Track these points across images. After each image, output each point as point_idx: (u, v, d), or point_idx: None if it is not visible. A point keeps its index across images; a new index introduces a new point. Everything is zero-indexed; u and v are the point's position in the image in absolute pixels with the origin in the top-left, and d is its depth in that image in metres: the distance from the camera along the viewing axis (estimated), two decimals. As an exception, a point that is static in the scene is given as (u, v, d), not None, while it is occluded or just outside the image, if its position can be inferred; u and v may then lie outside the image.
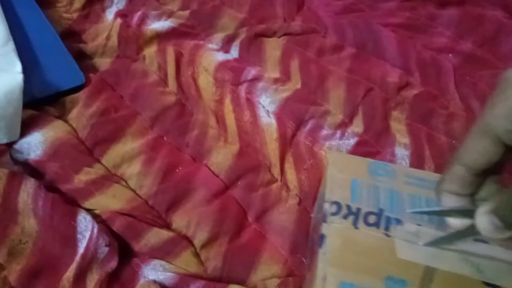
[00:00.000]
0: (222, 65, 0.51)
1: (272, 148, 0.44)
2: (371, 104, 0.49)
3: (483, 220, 0.23)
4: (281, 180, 0.43)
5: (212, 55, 0.53)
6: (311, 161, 0.44)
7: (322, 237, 0.27)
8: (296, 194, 0.42)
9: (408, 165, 0.44)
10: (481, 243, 0.26)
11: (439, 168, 0.44)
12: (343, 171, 0.31)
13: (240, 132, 0.46)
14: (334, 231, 0.27)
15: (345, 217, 0.28)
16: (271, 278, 0.35)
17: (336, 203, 0.29)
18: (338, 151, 0.44)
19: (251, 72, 0.51)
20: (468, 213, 0.24)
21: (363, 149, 0.45)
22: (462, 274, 0.25)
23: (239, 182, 0.42)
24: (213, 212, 0.38)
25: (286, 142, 0.45)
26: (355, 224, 0.28)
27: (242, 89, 0.49)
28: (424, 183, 0.30)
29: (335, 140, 0.45)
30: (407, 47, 0.55)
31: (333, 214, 0.28)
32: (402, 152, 0.45)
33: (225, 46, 0.56)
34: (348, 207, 0.29)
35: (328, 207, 0.28)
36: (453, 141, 0.46)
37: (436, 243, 0.26)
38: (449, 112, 0.49)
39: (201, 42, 0.56)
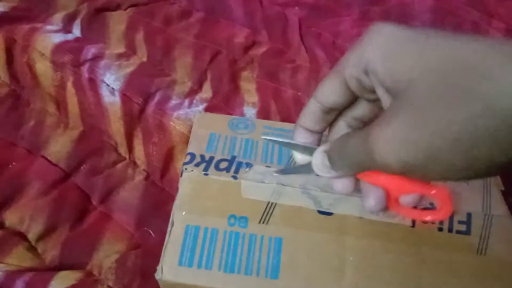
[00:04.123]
0: (59, 47, 0.50)
1: (116, 127, 0.45)
2: (219, 67, 0.51)
3: (316, 158, 0.25)
4: (129, 158, 0.44)
5: (48, 37, 0.51)
6: (160, 134, 0.45)
7: (177, 189, 0.29)
8: (144, 169, 0.43)
9: (256, 123, 0.47)
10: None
11: (284, 121, 0.47)
12: (204, 127, 0.33)
13: (83, 115, 0.46)
14: (185, 178, 0.29)
15: (197, 165, 0.30)
16: (111, 255, 0.36)
17: (191, 154, 0.31)
18: (187, 120, 0.46)
19: (91, 50, 0.50)
20: (311, 150, 0.26)
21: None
22: (300, 205, 0.28)
23: (82, 168, 0.42)
24: (49, 203, 0.38)
25: (133, 119, 0.46)
26: (205, 170, 0.29)
27: (84, 70, 0.48)
28: (280, 132, 0.33)
29: (183, 109, 0.46)
30: (253, 5, 0.57)
31: (186, 163, 0.30)
32: (250, 111, 0.48)
33: (67, 26, 0.54)
34: (202, 156, 0.30)
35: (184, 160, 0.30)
36: (299, 93, 0.50)
37: (282, 171, 0.29)
38: (295, 65, 0.52)
39: (39, 25, 0.53)
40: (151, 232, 0.39)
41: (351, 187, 0.25)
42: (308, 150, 0.26)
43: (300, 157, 0.27)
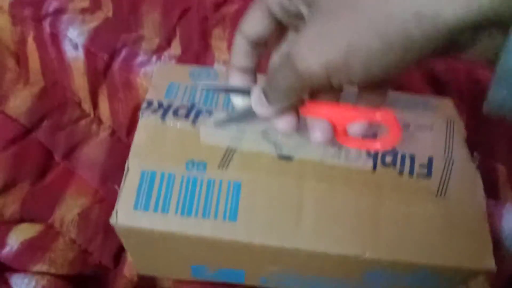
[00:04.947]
0: (19, 0, 0.47)
1: (80, 83, 0.43)
2: (189, 25, 0.49)
3: (253, 96, 0.23)
4: (94, 115, 0.43)
5: (7, -10, 0.48)
6: (126, 91, 0.44)
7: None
8: (109, 126, 0.42)
9: (226, 80, 0.46)
10: None
11: (256, 78, 0.46)
12: (164, 77, 0.31)
13: (45, 71, 0.44)
14: (142, 125, 0.28)
15: (154, 111, 0.28)
16: (74, 209, 0.35)
17: (148, 101, 0.29)
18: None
19: (53, 4, 0.48)
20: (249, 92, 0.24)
21: (181, 70, 0.46)
22: (260, 151, 0.27)
23: (44, 123, 0.41)
24: (8, 158, 0.37)
25: (98, 75, 0.44)
26: (163, 117, 0.28)
27: (46, 24, 0.46)
28: None
29: (151, 66, 0.45)
30: (225, -40, 0.54)
31: (143, 109, 0.28)
32: (221, 69, 0.47)
33: (27, -21, 0.51)
34: (160, 103, 0.29)
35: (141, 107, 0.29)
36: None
37: (225, 121, 0.26)
38: (267, 23, 0.51)
39: (-3, -22, 0.51)
40: (116, 187, 0.38)
41: (295, 123, 0.23)
42: (247, 92, 0.24)
43: (240, 101, 0.25)
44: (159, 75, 0.32)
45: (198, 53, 0.48)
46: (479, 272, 0.26)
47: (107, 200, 0.37)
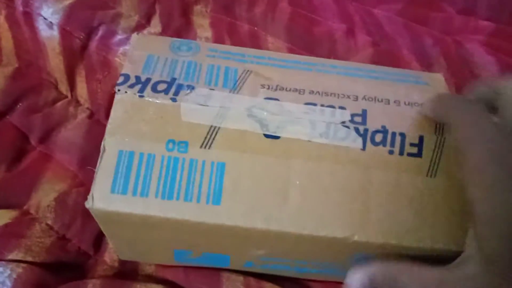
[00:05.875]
0: (-12, -23, 0.45)
1: (55, 64, 0.41)
2: (169, 1, 0.47)
3: None
4: (71, 96, 0.41)
5: (-26, -34, 0.45)
6: (105, 71, 0.42)
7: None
8: (87, 108, 0.40)
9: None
10: (272, 100, 0.27)
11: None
12: (141, 49, 0.29)
13: (18, 51, 0.42)
14: (118, 101, 0.26)
15: (131, 86, 0.26)
16: (50, 194, 0.33)
17: (124, 75, 0.27)
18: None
19: (24, -19, 0.45)
20: None
21: (162, 49, 0.44)
22: (245, 129, 0.26)
23: (18, 106, 0.38)
24: (-19, 143, 0.35)
25: (75, 55, 0.42)
26: (140, 92, 0.26)
27: (18, 3, 0.44)
28: (226, 55, 0.30)
29: (129, 45, 0.43)
30: None
31: (119, 84, 0.26)
32: (203, 42, 0.45)
33: (-3, -45, 0.48)
34: (137, 77, 0.27)
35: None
36: (255, 28, 0.47)
37: None
38: (251, -1, 0.49)
39: (-36, -47, 0.47)
40: (94, 170, 0.36)
41: None
42: None
43: None
44: (136, 47, 0.30)
45: (179, 31, 0.46)
46: None
47: (86, 184, 0.35)
